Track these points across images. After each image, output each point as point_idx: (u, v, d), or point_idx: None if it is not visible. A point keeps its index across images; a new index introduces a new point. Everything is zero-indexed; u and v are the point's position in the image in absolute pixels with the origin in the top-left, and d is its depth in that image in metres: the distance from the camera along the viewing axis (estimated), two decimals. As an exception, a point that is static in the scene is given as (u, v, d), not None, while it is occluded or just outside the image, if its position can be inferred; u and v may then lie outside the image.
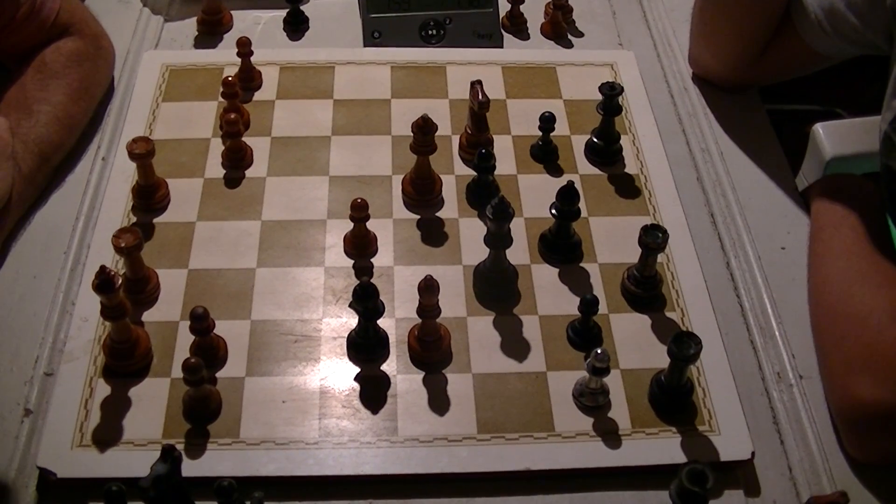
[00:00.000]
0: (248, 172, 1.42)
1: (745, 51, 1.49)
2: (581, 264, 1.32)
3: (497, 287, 1.26)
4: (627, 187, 1.42)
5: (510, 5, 1.69)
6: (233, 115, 1.38)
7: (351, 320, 1.22)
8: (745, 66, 1.52)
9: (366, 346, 1.20)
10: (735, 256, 1.35)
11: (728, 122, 1.55)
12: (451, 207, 1.38)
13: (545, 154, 1.45)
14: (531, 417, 1.16)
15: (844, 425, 1.15)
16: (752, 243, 1.36)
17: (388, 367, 1.20)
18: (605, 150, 1.45)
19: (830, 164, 1.38)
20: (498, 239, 1.21)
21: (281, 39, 1.68)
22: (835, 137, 1.40)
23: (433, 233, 1.35)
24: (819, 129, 1.41)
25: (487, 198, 1.35)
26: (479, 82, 1.39)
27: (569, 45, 1.69)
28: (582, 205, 1.29)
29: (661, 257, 1.27)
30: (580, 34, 1.72)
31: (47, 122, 1.38)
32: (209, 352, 1.17)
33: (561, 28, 1.70)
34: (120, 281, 1.10)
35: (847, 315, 1.18)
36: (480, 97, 1.37)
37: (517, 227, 1.34)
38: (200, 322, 1.13)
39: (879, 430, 1.11)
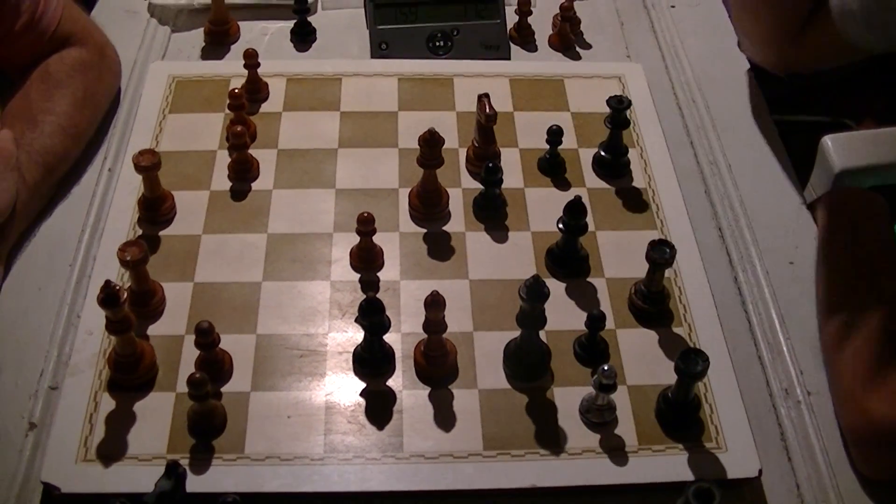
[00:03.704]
0: (255, 185, 1.41)
1: (783, 25, 1.45)
2: (588, 279, 1.31)
3: (529, 367, 1.22)
4: (635, 201, 1.42)
5: (518, 17, 1.69)
6: (239, 128, 1.37)
7: (357, 335, 1.22)
8: (787, 40, 1.47)
9: (371, 362, 1.20)
10: (743, 271, 1.35)
11: (736, 135, 1.54)
12: (457, 221, 1.38)
13: (552, 167, 1.44)
14: (537, 434, 1.15)
15: (856, 442, 1.14)
16: (759, 258, 1.36)
17: (393, 382, 1.20)
18: (613, 164, 1.44)
19: (839, 177, 1.37)
20: (531, 319, 1.17)
21: (288, 50, 1.68)
22: (843, 150, 1.39)
23: (440, 247, 1.34)
24: (828, 141, 1.40)
25: (494, 211, 1.36)
26: (487, 95, 1.39)
27: (576, 57, 1.69)
28: (589, 219, 1.29)
29: (668, 272, 1.27)
30: (588, 46, 1.71)
31: (52, 132, 1.37)
32: (214, 366, 1.17)
33: (569, 40, 1.69)
34: (125, 295, 1.10)
35: (859, 331, 1.18)
36: (488, 110, 1.37)
37: (523, 240, 1.35)
38: (206, 336, 1.13)
39: (893, 447, 1.10)
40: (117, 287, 1.09)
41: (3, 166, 1.27)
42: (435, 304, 1.12)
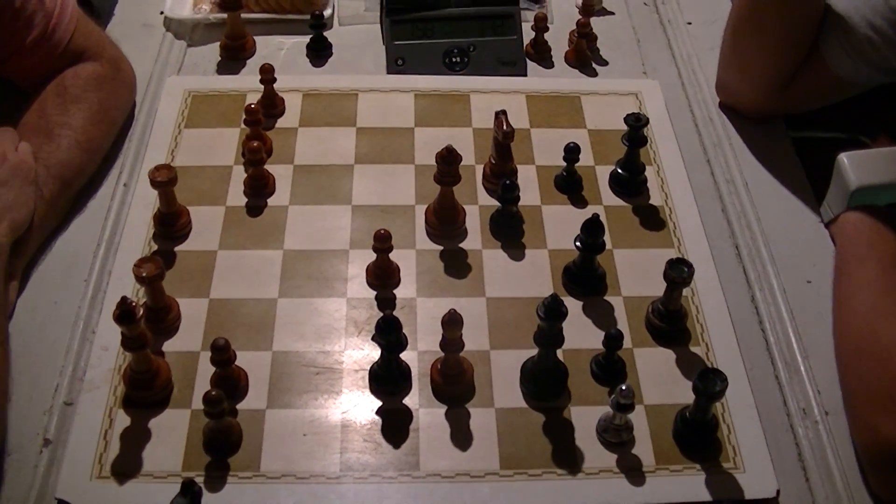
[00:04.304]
0: (271, 201, 1.41)
1: (776, 75, 1.49)
2: (605, 297, 1.31)
3: (546, 386, 1.21)
4: (652, 219, 1.42)
5: (534, 33, 1.69)
6: (255, 143, 1.37)
7: (373, 353, 1.21)
8: (775, 92, 1.51)
9: (388, 379, 1.19)
10: (760, 289, 1.34)
11: (753, 152, 1.54)
12: (474, 238, 1.37)
13: (569, 185, 1.44)
14: (554, 453, 1.15)
15: (870, 463, 1.14)
16: (777, 276, 1.35)
17: (410, 400, 1.19)
18: (630, 182, 1.44)
19: (855, 195, 1.37)
20: (549, 338, 1.16)
21: (304, 66, 1.68)
22: (860, 167, 1.39)
23: (456, 264, 1.34)
24: (844, 158, 1.40)
25: (511, 228, 1.36)
26: (504, 112, 1.38)
27: (593, 74, 1.68)
28: (606, 237, 1.28)
29: (685, 290, 1.26)
30: (604, 62, 1.71)
31: (68, 146, 1.37)
32: (230, 383, 1.17)
33: (585, 56, 1.69)
34: (141, 312, 1.09)
35: (872, 351, 1.17)
36: (505, 127, 1.36)
37: (540, 258, 1.34)
38: (222, 354, 1.13)
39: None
40: (133, 304, 1.09)
41: (23, 179, 1.28)
42: (453, 322, 1.11)
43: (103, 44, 1.51)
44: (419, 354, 1.23)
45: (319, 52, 1.69)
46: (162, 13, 1.74)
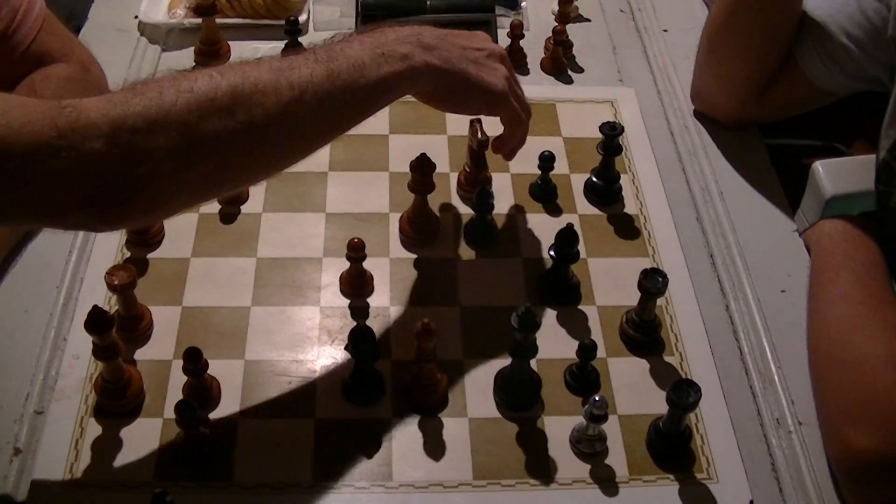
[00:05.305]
0: (244, 208, 1.40)
1: (752, 83, 1.49)
2: (579, 306, 1.31)
3: (519, 396, 1.21)
4: (627, 228, 1.41)
5: (510, 40, 1.68)
6: (229, 151, 1.36)
7: (346, 362, 1.21)
8: (750, 100, 1.51)
9: (361, 389, 1.19)
10: (734, 299, 1.34)
11: (728, 161, 1.54)
12: (448, 247, 1.37)
13: (544, 193, 1.44)
14: (527, 463, 1.14)
15: (841, 474, 1.14)
16: (751, 286, 1.35)
17: (383, 410, 1.19)
18: (605, 190, 1.44)
19: (830, 203, 1.37)
20: (523, 348, 1.15)
21: (279, 71, 1.66)
22: (835, 175, 1.39)
23: (430, 273, 1.34)
24: (819, 167, 1.40)
25: (486, 237, 1.35)
26: (479, 120, 1.38)
27: (569, 81, 1.68)
28: (581, 246, 1.29)
29: (659, 300, 1.26)
30: (580, 69, 1.71)
31: None
32: (202, 393, 1.16)
33: (561, 63, 1.69)
34: (113, 321, 1.09)
35: (844, 362, 1.18)
36: (480, 136, 1.36)
37: (515, 267, 1.34)
38: (194, 363, 1.12)
39: (876, 478, 1.09)
40: (105, 313, 1.08)
41: None
42: (426, 332, 1.11)
43: (71, 45, 1.48)
44: (392, 364, 1.23)
45: (294, 58, 1.68)
46: (136, 18, 1.73)
